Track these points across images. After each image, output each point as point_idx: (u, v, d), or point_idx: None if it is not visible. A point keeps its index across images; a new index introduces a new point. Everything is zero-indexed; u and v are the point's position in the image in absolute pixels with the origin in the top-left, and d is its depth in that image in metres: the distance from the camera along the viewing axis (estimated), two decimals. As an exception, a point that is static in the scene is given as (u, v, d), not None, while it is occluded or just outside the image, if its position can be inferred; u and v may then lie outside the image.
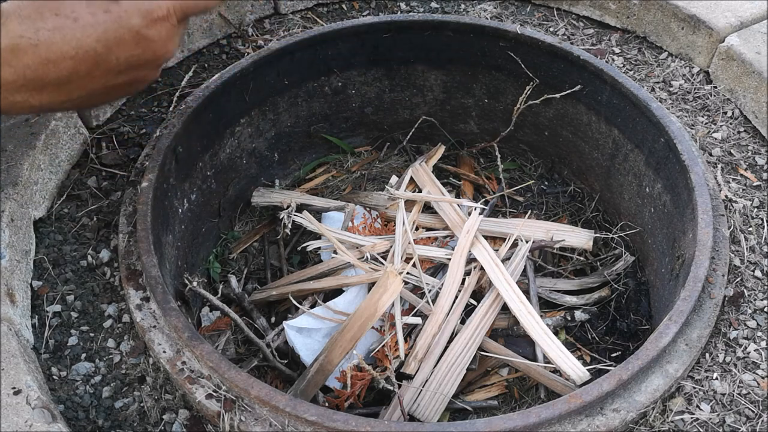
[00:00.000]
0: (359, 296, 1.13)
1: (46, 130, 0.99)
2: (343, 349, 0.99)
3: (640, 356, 0.77)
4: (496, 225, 1.23)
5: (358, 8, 1.39)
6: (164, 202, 1.02)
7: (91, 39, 0.58)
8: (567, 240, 1.19)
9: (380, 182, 1.41)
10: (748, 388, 0.80)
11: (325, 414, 0.72)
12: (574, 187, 1.35)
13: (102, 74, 0.61)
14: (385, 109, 1.38)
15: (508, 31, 1.20)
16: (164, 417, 0.79)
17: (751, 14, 1.18)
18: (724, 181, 1.04)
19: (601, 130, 1.21)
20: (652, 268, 1.15)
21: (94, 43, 0.58)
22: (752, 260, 0.93)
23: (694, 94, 1.18)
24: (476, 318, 1.08)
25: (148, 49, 0.62)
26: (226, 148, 1.21)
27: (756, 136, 1.10)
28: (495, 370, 1.11)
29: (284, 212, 1.23)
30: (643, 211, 1.16)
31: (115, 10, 0.59)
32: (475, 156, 1.42)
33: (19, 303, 0.86)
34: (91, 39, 0.58)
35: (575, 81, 1.18)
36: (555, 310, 1.17)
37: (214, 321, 1.09)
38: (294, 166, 1.40)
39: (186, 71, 1.24)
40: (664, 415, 0.77)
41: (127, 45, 0.60)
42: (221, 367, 0.76)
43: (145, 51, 0.62)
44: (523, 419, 0.72)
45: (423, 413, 0.99)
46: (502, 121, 1.32)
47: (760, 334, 0.86)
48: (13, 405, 0.71)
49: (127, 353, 0.85)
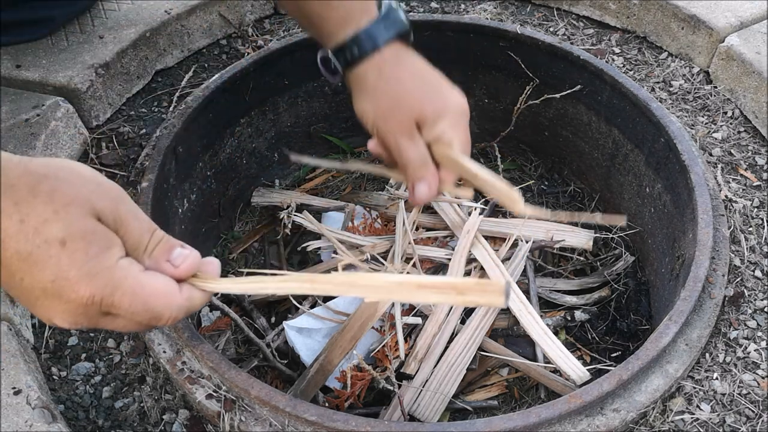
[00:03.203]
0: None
1: (46, 130, 1.00)
2: (343, 349, 0.99)
3: (640, 356, 0.77)
4: (496, 225, 1.23)
5: (358, 8, 1.39)
6: (164, 202, 1.01)
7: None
8: (567, 240, 1.19)
9: (380, 182, 1.41)
10: (748, 388, 0.80)
11: (325, 414, 0.72)
12: (574, 187, 1.35)
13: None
14: (385, 109, 1.38)
15: (508, 31, 1.20)
16: (164, 417, 0.79)
17: (751, 14, 1.18)
18: (724, 181, 1.04)
19: (601, 130, 1.21)
20: (652, 268, 1.15)
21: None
22: (752, 260, 0.93)
23: (694, 94, 1.18)
24: (476, 318, 1.08)
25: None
26: (226, 148, 1.21)
27: (756, 136, 1.10)
28: (495, 370, 1.11)
29: (284, 212, 1.23)
30: (643, 211, 1.16)
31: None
32: (475, 156, 1.42)
33: (19, 303, 0.86)
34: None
35: (575, 81, 1.18)
36: (555, 310, 1.17)
37: (214, 321, 1.09)
38: (294, 166, 1.40)
39: (186, 71, 1.24)
40: (664, 415, 0.77)
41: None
42: (221, 367, 0.76)
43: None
44: (523, 419, 0.72)
45: (423, 413, 0.99)
46: (502, 121, 1.32)
47: (761, 334, 0.86)
48: (14, 405, 0.71)
49: (127, 353, 0.85)
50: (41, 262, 0.50)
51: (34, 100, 1.05)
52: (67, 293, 0.51)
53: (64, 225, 0.50)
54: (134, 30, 1.17)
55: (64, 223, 0.50)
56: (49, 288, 0.51)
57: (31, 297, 0.52)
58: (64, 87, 1.07)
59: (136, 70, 1.18)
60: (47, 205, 0.50)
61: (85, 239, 0.51)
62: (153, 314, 0.54)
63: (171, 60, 1.24)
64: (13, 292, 0.53)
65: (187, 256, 0.57)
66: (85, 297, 0.51)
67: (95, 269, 0.51)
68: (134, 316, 0.53)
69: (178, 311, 0.55)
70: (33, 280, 0.51)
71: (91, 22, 1.19)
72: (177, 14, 1.23)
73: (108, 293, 0.51)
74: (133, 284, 0.52)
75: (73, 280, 0.50)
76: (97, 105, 1.11)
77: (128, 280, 0.52)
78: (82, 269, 0.50)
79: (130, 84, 1.18)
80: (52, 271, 0.50)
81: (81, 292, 0.51)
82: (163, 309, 0.54)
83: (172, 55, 1.25)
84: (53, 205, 0.50)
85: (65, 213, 0.51)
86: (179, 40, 1.25)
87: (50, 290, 0.51)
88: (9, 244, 0.50)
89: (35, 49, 1.13)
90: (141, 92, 1.20)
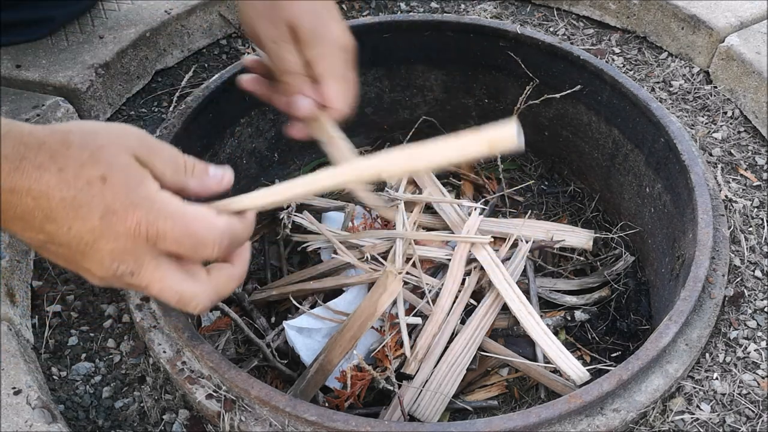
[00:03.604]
0: (359, 296, 1.13)
1: (46, 130, 0.99)
2: (342, 349, 0.99)
3: (640, 356, 0.77)
4: (496, 225, 1.23)
5: (358, 8, 1.39)
6: (164, 202, 1.01)
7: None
8: (567, 240, 1.19)
9: (380, 182, 1.41)
10: (748, 388, 0.80)
11: (325, 414, 0.72)
12: (574, 187, 1.35)
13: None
14: (385, 109, 1.38)
15: (508, 31, 1.20)
16: (164, 417, 0.79)
17: (751, 14, 1.18)
18: (724, 181, 1.04)
19: (601, 130, 1.21)
20: (652, 268, 1.15)
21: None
22: (752, 260, 0.93)
23: (694, 94, 1.18)
24: (476, 318, 1.08)
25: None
26: (226, 148, 1.21)
27: (756, 136, 1.10)
28: (495, 370, 1.11)
29: (284, 212, 1.23)
30: (643, 211, 1.16)
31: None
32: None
33: (19, 303, 0.86)
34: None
35: (575, 81, 1.18)
36: (555, 310, 1.17)
37: (214, 321, 1.09)
38: (294, 166, 1.40)
39: (186, 71, 1.24)
40: (664, 415, 0.77)
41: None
42: (221, 367, 0.76)
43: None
44: (523, 419, 0.72)
45: (423, 413, 0.99)
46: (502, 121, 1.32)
47: (761, 334, 0.86)
48: (13, 405, 0.71)
49: (127, 353, 0.85)
50: (86, 203, 0.52)
51: (34, 100, 1.05)
52: (115, 227, 0.53)
53: (102, 164, 0.53)
54: (134, 30, 1.18)
55: (102, 163, 0.53)
56: (97, 228, 0.52)
57: (80, 246, 0.53)
58: (64, 87, 1.07)
59: (136, 70, 1.18)
60: (82, 150, 0.53)
61: (124, 172, 0.53)
62: (197, 239, 0.55)
63: (171, 60, 1.24)
64: (60, 251, 0.55)
65: (225, 170, 0.60)
66: (132, 227, 0.53)
67: (137, 199, 0.53)
68: (180, 245, 0.54)
69: (221, 237, 0.56)
70: (81, 225, 0.52)
71: (91, 22, 1.19)
72: (177, 14, 1.23)
73: (152, 220, 0.53)
74: (174, 210, 0.54)
75: (120, 211, 0.52)
76: (97, 105, 1.11)
77: (170, 206, 0.54)
78: (126, 200, 0.52)
79: (130, 84, 1.18)
80: (98, 208, 0.52)
81: (128, 222, 0.53)
82: (207, 232, 0.55)
83: (172, 55, 1.25)
84: (87, 149, 0.53)
85: (100, 153, 0.53)
86: (179, 40, 1.25)
87: (98, 230, 0.53)
88: (54, 194, 0.51)
89: (35, 49, 1.13)
90: (141, 92, 1.20)
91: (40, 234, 0.53)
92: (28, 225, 0.53)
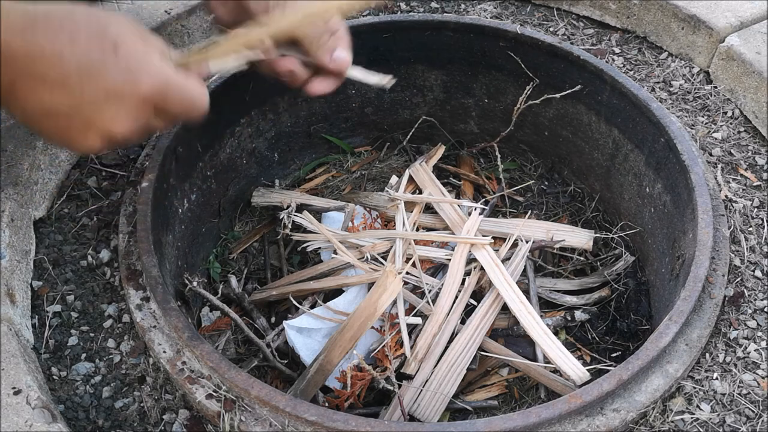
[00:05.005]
0: (359, 296, 1.13)
1: (46, 130, 0.99)
2: (342, 349, 0.99)
3: (640, 356, 0.77)
4: (496, 225, 1.23)
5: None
6: (164, 202, 1.01)
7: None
8: (567, 240, 1.19)
9: (380, 182, 1.41)
10: (748, 388, 0.80)
11: (325, 414, 0.72)
12: (574, 187, 1.35)
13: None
14: (385, 109, 1.38)
15: (508, 31, 1.20)
16: (164, 417, 0.79)
17: (751, 14, 1.18)
18: (724, 181, 1.04)
19: (601, 130, 1.21)
20: (652, 268, 1.15)
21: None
22: (752, 260, 0.94)
23: (694, 94, 1.18)
24: (476, 318, 1.08)
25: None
26: (226, 148, 1.21)
27: (756, 136, 1.10)
28: (495, 370, 1.11)
29: (284, 212, 1.23)
30: (643, 211, 1.16)
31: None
32: (475, 156, 1.42)
33: (19, 303, 0.86)
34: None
35: (575, 81, 1.18)
36: (555, 310, 1.17)
37: (214, 321, 1.09)
38: (294, 166, 1.40)
39: (186, 71, 1.23)
40: (665, 415, 0.77)
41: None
42: (221, 367, 0.76)
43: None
44: (523, 419, 0.72)
45: (423, 413, 0.99)
46: (502, 121, 1.32)
47: (760, 334, 0.86)
48: (13, 405, 0.71)
49: (127, 353, 0.85)
50: (103, 68, 0.55)
51: (34, 100, 1.05)
52: (130, 89, 0.57)
53: (112, 29, 0.56)
54: (134, 30, 1.17)
55: (112, 27, 0.56)
56: (111, 91, 0.56)
57: (93, 108, 0.57)
58: (64, 87, 1.06)
59: (136, 70, 1.18)
60: (89, 17, 0.56)
61: (136, 34, 0.58)
62: (195, 106, 0.64)
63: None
64: (60, 117, 0.57)
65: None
66: (143, 92, 0.58)
67: (147, 66, 0.58)
68: (182, 107, 0.63)
69: (206, 105, 0.66)
70: (96, 88, 0.56)
71: (91, 22, 1.19)
72: (177, 14, 1.23)
73: (162, 87, 0.59)
74: (177, 78, 0.62)
75: (135, 75, 0.57)
76: (97, 105, 1.11)
77: (173, 75, 0.61)
78: (138, 66, 0.57)
79: (130, 84, 1.18)
80: (115, 72, 0.56)
81: (142, 86, 0.58)
82: (201, 103, 0.64)
83: (172, 55, 1.24)
84: (95, 15, 0.56)
85: (108, 19, 0.57)
86: (179, 40, 1.25)
87: (113, 93, 0.56)
88: (70, 60, 0.54)
89: (35, 49, 1.12)
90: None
91: (46, 95, 0.55)
92: (37, 86, 0.55)
